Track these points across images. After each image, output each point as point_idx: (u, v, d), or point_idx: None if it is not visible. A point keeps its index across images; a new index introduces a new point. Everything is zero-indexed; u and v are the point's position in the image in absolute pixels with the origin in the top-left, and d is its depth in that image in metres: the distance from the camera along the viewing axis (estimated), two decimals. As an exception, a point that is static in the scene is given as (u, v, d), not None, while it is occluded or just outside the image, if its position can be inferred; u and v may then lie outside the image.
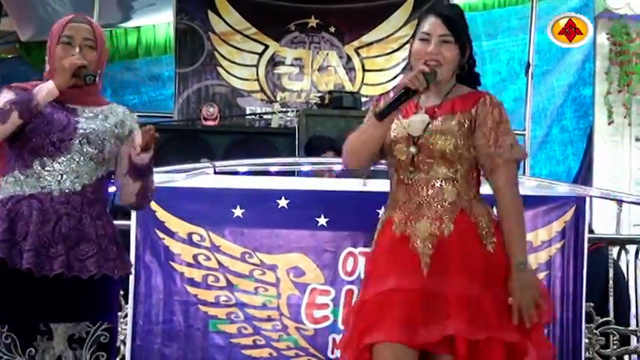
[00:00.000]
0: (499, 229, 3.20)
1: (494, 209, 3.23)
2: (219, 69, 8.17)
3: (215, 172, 4.43)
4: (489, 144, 3.15)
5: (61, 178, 3.04)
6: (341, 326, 4.09)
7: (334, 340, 4.11)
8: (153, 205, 3.29)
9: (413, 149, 3.16)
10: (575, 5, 8.25)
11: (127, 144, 3.15)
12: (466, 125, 3.16)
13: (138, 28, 9.14)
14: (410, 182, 3.18)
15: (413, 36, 3.29)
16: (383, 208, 3.35)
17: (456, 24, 3.22)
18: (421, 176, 3.16)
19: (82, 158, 3.06)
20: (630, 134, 7.46)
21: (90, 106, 3.12)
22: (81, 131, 3.06)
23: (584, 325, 4.30)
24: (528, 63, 7.50)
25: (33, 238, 2.96)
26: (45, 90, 2.99)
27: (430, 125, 3.16)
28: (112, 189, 3.24)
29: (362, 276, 4.08)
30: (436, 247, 3.10)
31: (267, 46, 8.25)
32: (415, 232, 3.13)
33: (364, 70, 8.31)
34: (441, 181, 3.15)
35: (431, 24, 3.20)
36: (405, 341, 3.03)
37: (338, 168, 4.84)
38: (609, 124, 7.44)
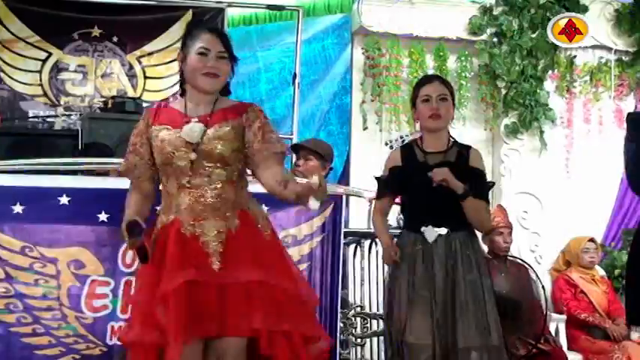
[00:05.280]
0: (268, 220, 3.36)
1: None
2: (2, 74, 7.91)
3: (-5, 171, 4.32)
4: (258, 139, 3.30)
5: None
6: (119, 314, 4.10)
7: (112, 327, 4.09)
8: None
9: (193, 155, 3.24)
10: (336, 21, 8.48)
11: None
12: (239, 131, 3.29)
13: None
14: (192, 186, 3.25)
15: (182, 48, 3.36)
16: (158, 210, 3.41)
17: (229, 42, 3.35)
18: (203, 180, 3.25)
19: None
20: (381, 139, 7.75)
21: None
22: None
23: (339, 310, 4.43)
24: (295, 74, 7.71)
25: None
26: None
27: (207, 132, 3.25)
28: None
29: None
30: (225, 243, 3.20)
31: (50, 54, 8.04)
32: (204, 231, 3.21)
33: (145, 78, 8.26)
34: (222, 183, 3.26)
35: (209, 40, 3.29)
36: (196, 336, 3.11)
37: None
38: (364, 129, 7.70)
